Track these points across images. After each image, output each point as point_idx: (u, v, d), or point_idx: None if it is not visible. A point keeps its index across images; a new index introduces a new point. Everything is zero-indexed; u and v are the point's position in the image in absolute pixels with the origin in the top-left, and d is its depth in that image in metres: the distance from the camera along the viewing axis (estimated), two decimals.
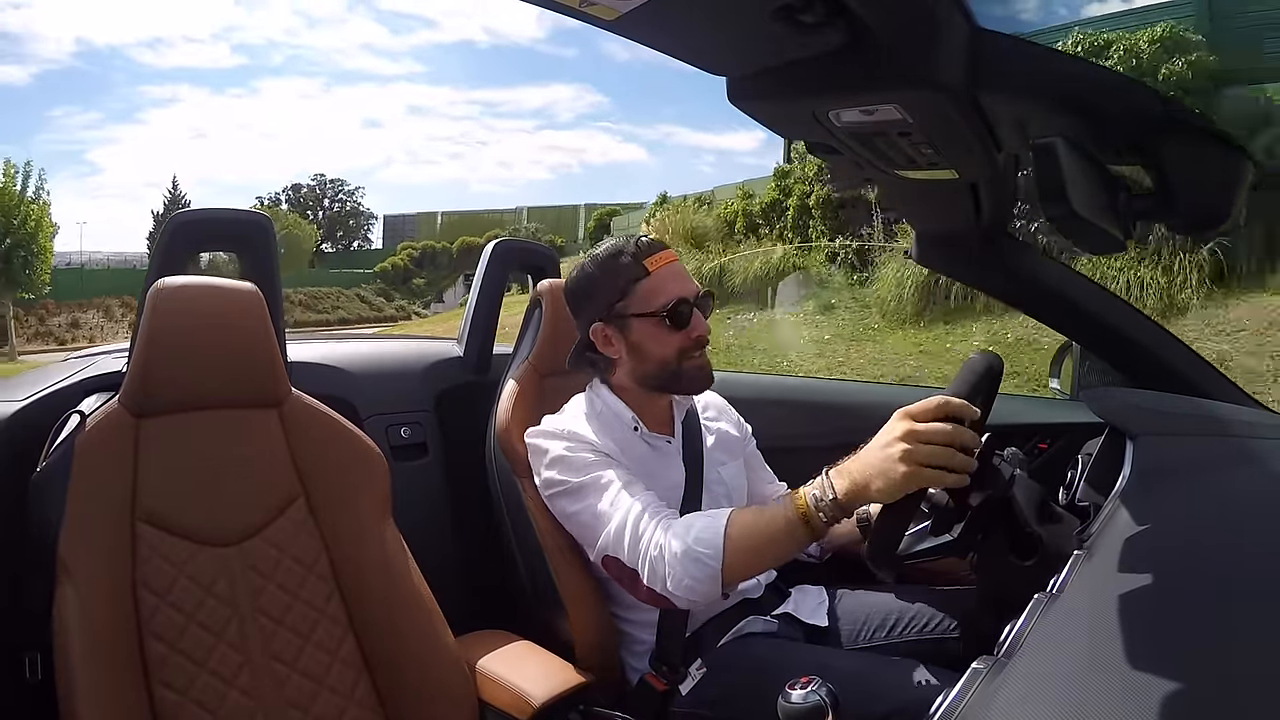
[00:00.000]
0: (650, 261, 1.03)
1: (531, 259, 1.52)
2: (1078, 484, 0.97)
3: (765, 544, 0.88)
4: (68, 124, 62.73)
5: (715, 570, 0.88)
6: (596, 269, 1.06)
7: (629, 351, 1.06)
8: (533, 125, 76.79)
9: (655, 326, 1.03)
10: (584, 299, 1.08)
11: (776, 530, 0.86)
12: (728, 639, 1.06)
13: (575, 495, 1.02)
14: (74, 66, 60.04)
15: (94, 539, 0.80)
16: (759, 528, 0.88)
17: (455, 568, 1.28)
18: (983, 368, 0.83)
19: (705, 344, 1.06)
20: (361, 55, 73.28)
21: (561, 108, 75.60)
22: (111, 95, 64.98)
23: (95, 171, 64.27)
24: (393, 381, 1.39)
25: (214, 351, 0.91)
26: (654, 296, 1.02)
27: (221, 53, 67.16)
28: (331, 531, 0.95)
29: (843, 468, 0.84)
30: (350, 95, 73.71)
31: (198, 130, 67.58)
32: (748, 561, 0.89)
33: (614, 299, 1.04)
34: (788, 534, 0.86)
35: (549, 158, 75.90)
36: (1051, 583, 0.63)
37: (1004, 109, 0.69)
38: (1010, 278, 1.14)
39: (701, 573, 0.88)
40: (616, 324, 1.05)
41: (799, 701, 0.66)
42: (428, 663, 0.93)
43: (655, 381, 1.07)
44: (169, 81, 65.06)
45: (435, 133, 77.24)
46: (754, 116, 0.74)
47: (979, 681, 0.49)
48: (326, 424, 0.98)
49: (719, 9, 0.59)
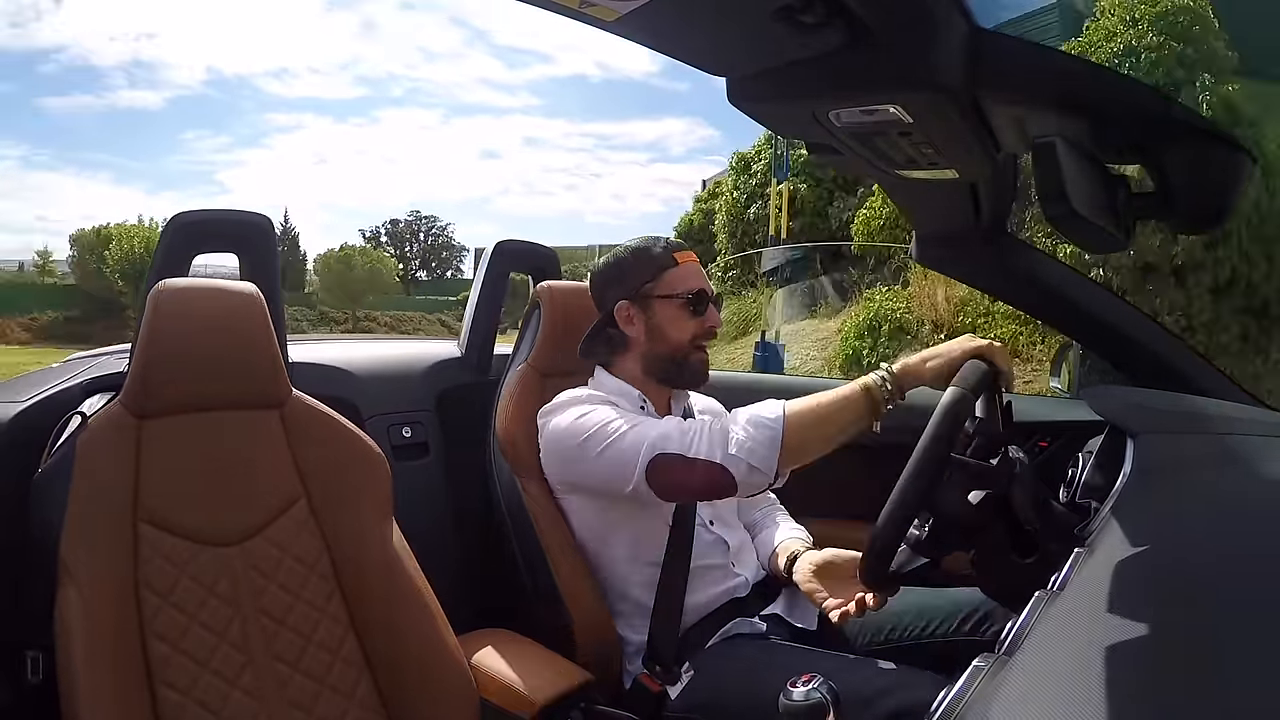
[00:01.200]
0: (679, 255, 1.14)
1: (531, 259, 1.53)
2: (1078, 482, 0.97)
3: (828, 411, 0.92)
4: (198, 146, 67.85)
5: (777, 433, 0.91)
6: (629, 255, 1.15)
7: (647, 332, 1.13)
8: (646, 158, 79.19)
9: (677, 310, 1.11)
10: (614, 281, 1.15)
11: (837, 399, 0.92)
12: (715, 640, 1.06)
13: (602, 435, 1.01)
14: (205, 94, 64.33)
15: (96, 539, 0.80)
16: (820, 400, 0.92)
17: (456, 567, 1.28)
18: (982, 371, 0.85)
19: (714, 336, 1.15)
20: (479, 88, 76.91)
21: (674, 141, 77.85)
22: (240, 121, 69.90)
23: (224, 191, 67.25)
24: (394, 382, 1.39)
25: (215, 352, 0.91)
26: (679, 283, 1.12)
27: (344, 83, 72.01)
28: (333, 531, 0.95)
29: (904, 366, 0.92)
30: (468, 126, 77.35)
31: (320, 156, 71.97)
32: (808, 432, 0.92)
33: (644, 280, 1.12)
34: (848, 403, 0.91)
35: (661, 190, 77.49)
36: (1052, 580, 0.63)
37: (1004, 109, 0.69)
38: (1010, 278, 1.15)
39: (764, 435, 0.91)
40: (641, 304, 1.13)
41: (800, 699, 0.66)
42: (429, 662, 0.93)
43: (662, 366, 1.13)
44: (294, 110, 70.16)
45: (550, 164, 79.61)
46: (754, 117, 0.74)
47: (980, 679, 0.49)
48: (327, 424, 0.98)
49: (719, 10, 0.59)
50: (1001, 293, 1.28)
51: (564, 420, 1.06)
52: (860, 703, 0.85)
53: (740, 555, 1.17)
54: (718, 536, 1.14)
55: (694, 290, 1.11)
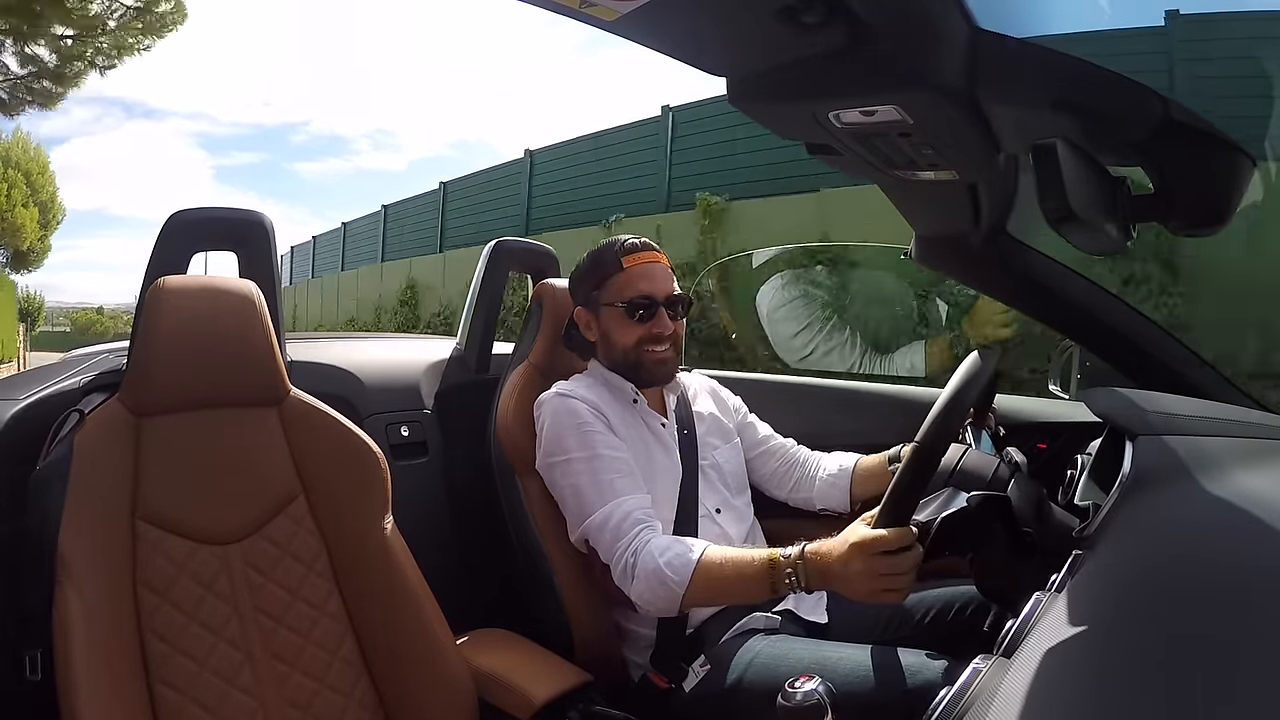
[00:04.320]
0: (628, 260, 1.15)
1: (531, 259, 1.53)
2: (1077, 484, 0.97)
3: (729, 587, 0.95)
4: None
5: (677, 595, 0.96)
6: (587, 260, 1.20)
7: (600, 337, 1.18)
8: None
9: (618, 316, 1.14)
10: (575, 285, 1.22)
11: (743, 581, 0.93)
12: (730, 635, 1.06)
13: (568, 470, 1.07)
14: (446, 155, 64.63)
15: (94, 537, 0.80)
16: (726, 572, 0.94)
17: (455, 567, 1.28)
18: (978, 367, 0.85)
19: (665, 340, 1.15)
20: None
21: None
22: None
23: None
24: (393, 380, 1.39)
25: (213, 350, 0.91)
26: (623, 290, 1.14)
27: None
28: (331, 530, 0.95)
29: (815, 558, 0.88)
30: None
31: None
32: (708, 597, 0.99)
33: (592, 287, 1.17)
34: (752, 587, 0.93)
35: None
36: (1051, 581, 0.63)
37: (1004, 109, 0.69)
38: (1010, 278, 1.15)
39: (664, 593, 0.96)
40: (592, 309, 1.18)
41: (798, 700, 0.66)
42: (427, 661, 0.93)
43: (620, 368, 1.16)
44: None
45: None
46: (754, 117, 0.74)
47: (978, 680, 0.49)
48: (326, 423, 0.98)
49: (720, 10, 0.59)
50: (1001, 293, 1.27)
51: (544, 425, 1.11)
52: (870, 691, 0.87)
53: (747, 545, 1.18)
54: (722, 529, 1.15)
55: (635, 296, 1.13)
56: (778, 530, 1.31)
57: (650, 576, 0.96)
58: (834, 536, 0.88)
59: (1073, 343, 1.32)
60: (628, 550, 0.99)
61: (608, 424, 1.09)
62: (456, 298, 9.42)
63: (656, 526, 1.03)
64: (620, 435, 1.10)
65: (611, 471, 1.05)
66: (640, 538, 1.00)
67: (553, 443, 1.09)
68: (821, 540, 0.89)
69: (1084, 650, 0.49)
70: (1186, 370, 1.09)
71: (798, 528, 1.36)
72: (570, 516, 1.08)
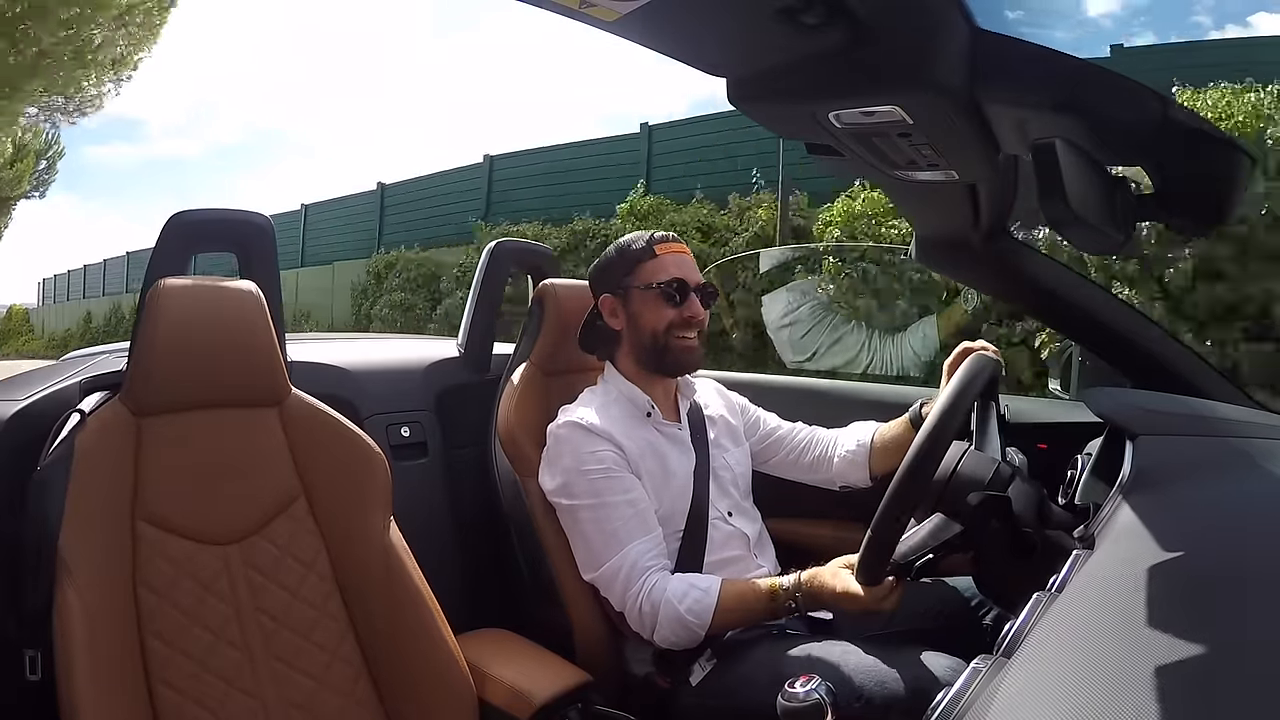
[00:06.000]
0: (660, 248, 1.17)
1: (531, 259, 1.53)
2: (1077, 484, 0.97)
3: (740, 618, 1.04)
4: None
5: (699, 635, 1.02)
6: (614, 250, 1.21)
7: (628, 322, 1.18)
8: None
9: (652, 298, 1.15)
10: (599, 275, 1.22)
11: (750, 613, 1.03)
12: (735, 630, 1.07)
13: (576, 518, 1.09)
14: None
15: (95, 538, 0.80)
16: (736, 604, 1.02)
17: (455, 567, 1.28)
18: (978, 373, 0.85)
19: (696, 326, 1.17)
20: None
21: None
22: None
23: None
24: (393, 381, 1.38)
25: (214, 350, 0.90)
26: (655, 273, 1.16)
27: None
28: (331, 530, 0.95)
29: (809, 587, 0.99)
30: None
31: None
32: (726, 627, 1.05)
33: (624, 273, 1.18)
34: (758, 612, 1.03)
35: None
36: (1051, 582, 0.63)
37: (1004, 110, 0.69)
38: (1010, 278, 1.15)
39: (687, 635, 1.02)
40: (621, 295, 1.18)
41: (798, 699, 0.66)
42: (427, 661, 0.93)
43: (647, 355, 1.16)
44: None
45: None
46: (754, 117, 0.74)
47: (978, 680, 0.49)
48: (326, 423, 0.98)
49: (719, 10, 0.59)
50: (1001, 294, 1.28)
51: (555, 461, 1.12)
52: (875, 685, 0.88)
53: (760, 545, 1.20)
54: (736, 529, 1.16)
55: (669, 279, 1.14)
56: (784, 531, 1.31)
57: (674, 623, 1.01)
58: (824, 567, 0.98)
59: (1073, 343, 1.32)
60: (641, 597, 1.03)
61: (619, 451, 1.09)
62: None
63: (665, 567, 1.06)
64: (633, 456, 1.10)
65: (617, 520, 1.06)
66: (652, 584, 1.03)
67: (561, 483, 1.10)
68: (815, 571, 0.99)
69: (1084, 650, 0.49)
70: (1186, 370, 1.09)
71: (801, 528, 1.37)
72: (578, 558, 1.10)
